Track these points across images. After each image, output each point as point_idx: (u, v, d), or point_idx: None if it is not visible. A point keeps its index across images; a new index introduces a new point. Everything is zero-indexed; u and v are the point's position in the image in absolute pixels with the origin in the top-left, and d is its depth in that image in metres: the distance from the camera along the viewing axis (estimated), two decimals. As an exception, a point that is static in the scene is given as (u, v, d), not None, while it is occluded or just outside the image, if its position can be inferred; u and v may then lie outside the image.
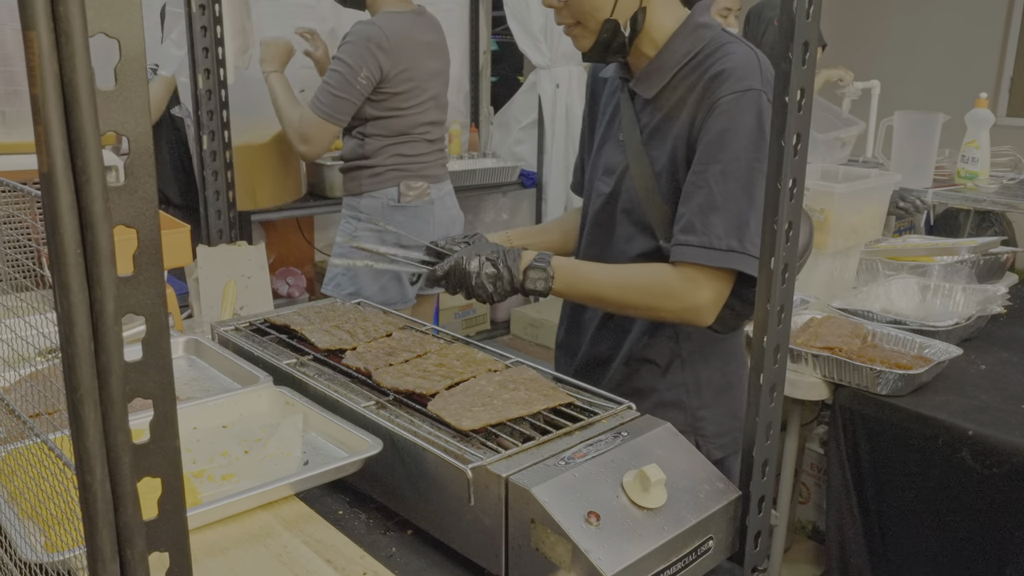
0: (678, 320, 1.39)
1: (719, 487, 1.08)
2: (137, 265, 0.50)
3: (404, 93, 2.74)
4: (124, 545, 0.52)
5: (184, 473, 1.10)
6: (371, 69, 2.64)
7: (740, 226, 1.29)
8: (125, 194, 0.49)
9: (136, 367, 0.51)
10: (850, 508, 2.05)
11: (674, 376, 1.51)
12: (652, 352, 1.50)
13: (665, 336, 1.49)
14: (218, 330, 1.53)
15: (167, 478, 0.54)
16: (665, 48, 1.39)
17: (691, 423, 1.51)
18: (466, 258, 1.36)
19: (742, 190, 1.28)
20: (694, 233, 1.31)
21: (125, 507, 0.51)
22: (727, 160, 1.29)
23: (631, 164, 1.43)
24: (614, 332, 1.55)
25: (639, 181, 1.42)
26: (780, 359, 1.04)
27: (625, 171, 1.45)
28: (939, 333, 2.13)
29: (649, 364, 1.51)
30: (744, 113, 1.28)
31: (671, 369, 1.50)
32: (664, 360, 1.50)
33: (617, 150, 1.48)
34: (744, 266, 1.29)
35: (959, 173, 3.26)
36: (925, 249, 2.69)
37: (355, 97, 2.66)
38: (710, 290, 1.32)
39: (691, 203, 1.32)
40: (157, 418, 0.53)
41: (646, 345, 1.50)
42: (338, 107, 2.65)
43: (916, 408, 1.89)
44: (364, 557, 0.97)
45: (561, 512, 0.95)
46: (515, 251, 1.38)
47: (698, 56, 1.36)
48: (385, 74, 2.67)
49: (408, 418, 1.16)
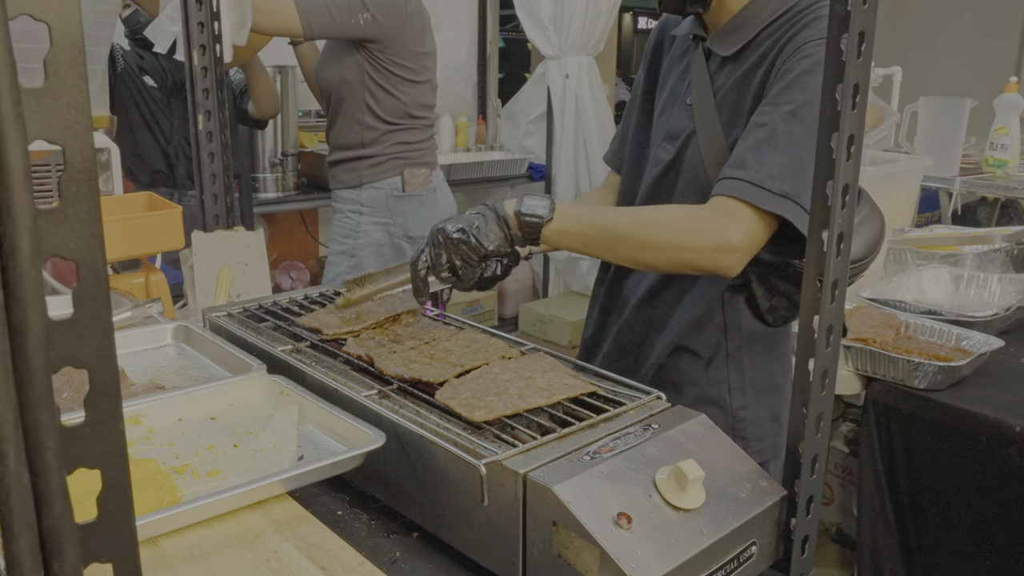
0: (705, 264, 1.16)
1: (762, 486, 0.97)
2: (64, 197, 0.39)
3: (411, 69, 2.63)
4: (51, 555, 0.41)
5: (165, 468, 0.99)
6: (379, 20, 2.50)
7: (798, 172, 1.13)
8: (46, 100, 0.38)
9: (64, 327, 0.40)
10: (883, 511, 1.93)
11: (717, 371, 1.37)
12: (695, 342, 1.36)
13: (712, 325, 1.35)
14: (209, 316, 1.42)
15: (108, 471, 0.43)
16: (752, 2, 1.25)
17: (731, 423, 1.38)
18: (436, 228, 1.16)
19: (807, 138, 1.11)
20: (743, 167, 1.15)
21: (51, 507, 0.40)
22: (799, 102, 1.14)
23: (699, 129, 1.28)
24: (654, 315, 1.40)
25: (706, 147, 1.27)
26: (833, 342, 0.92)
27: (691, 136, 1.30)
28: (977, 324, 2.01)
29: (691, 355, 1.37)
30: (815, 60, 1.15)
31: (714, 363, 1.37)
32: (708, 352, 1.36)
33: (684, 114, 1.33)
34: (794, 216, 1.12)
35: (987, 161, 3.14)
36: (955, 239, 2.57)
37: (342, 23, 2.48)
38: (747, 232, 1.14)
39: (748, 140, 1.17)
40: (95, 393, 0.42)
41: (690, 334, 1.36)
42: (319, 14, 2.44)
43: (956, 403, 1.77)
44: (364, 564, 0.86)
45: (587, 513, 0.84)
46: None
47: (788, 13, 1.23)
48: (387, 38, 2.54)
49: (414, 409, 1.05)
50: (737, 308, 1.35)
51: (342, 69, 2.63)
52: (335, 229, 2.81)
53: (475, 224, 1.14)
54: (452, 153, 4.45)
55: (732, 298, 1.34)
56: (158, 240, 1.64)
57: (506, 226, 1.16)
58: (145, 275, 1.71)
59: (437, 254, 1.16)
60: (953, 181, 3.00)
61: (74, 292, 0.40)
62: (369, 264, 2.73)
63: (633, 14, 7.92)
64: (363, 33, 2.52)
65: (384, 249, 2.75)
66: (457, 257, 1.14)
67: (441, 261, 1.16)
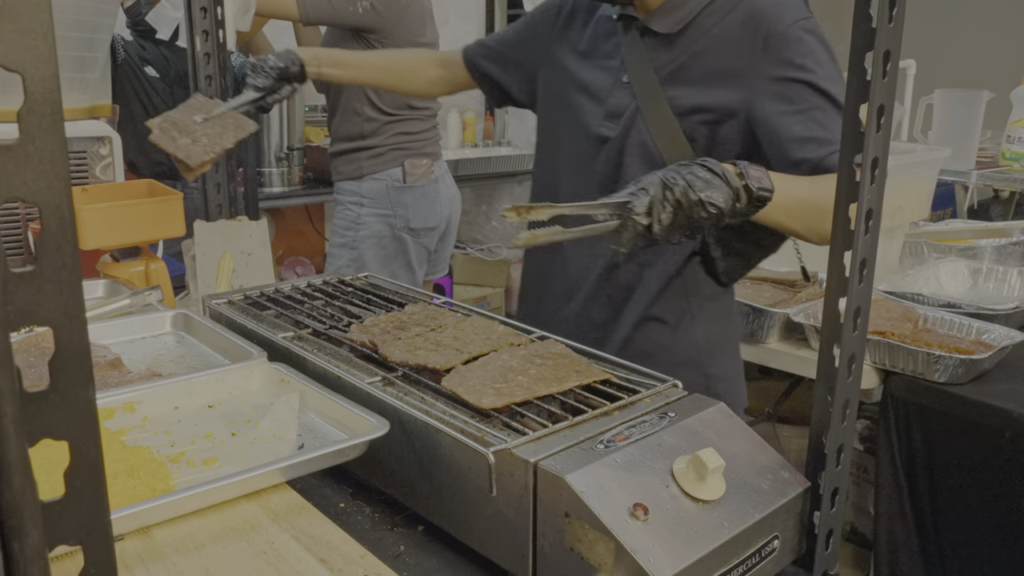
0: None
1: (784, 477, 0.92)
2: (24, 131, 0.35)
3: None
4: (10, 535, 0.37)
5: (159, 457, 0.95)
6: (379, 9, 2.45)
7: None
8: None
9: (25, 280, 0.36)
10: (901, 509, 1.88)
11: (685, 334, 1.41)
12: (662, 310, 1.40)
13: (674, 291, 1.39)
14: (210, 303, 1.38)
15: (77, 442, 0.38)
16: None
17: (705, 383, 1.41)
18: (661, 173, 1.03)
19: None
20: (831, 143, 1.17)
21: (9, 482, 0.36)
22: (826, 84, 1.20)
23: (642, 107, 1.32)
24: (616, 291, 1.42)
25: (653, 124, 1.31)
26: (861, 325, 0.87)
27: (635, 114, 1.33)
28: (998, 317, 1.95)
29: (658, 323, 1.41)
30: (813, 37, 1.23)
31: (681, 326, 1.41)
32: (674, 318, 1.41)
33: (623, 92, 1.36)
34: None
35: (1004, 154, 3.08)
36: (972, 232, 2.52)
37: (341, 10, 2.44)
38: None
39: (813, 128, 1.19)
40: (60, 355, 0.37)
41: (655, 302, 1.40)
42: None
43: (978, 397, 1.72)
44: (365, 556, 0.81)
45: (601, 504, 0.79)
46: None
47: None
48: (386, 28, 2.49)
49: (419, 396, 1.01)
50: (695, 272, 1.40)
51: None
52: (336, 222, 2.77)
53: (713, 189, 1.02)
54: (460, 149, 4.41)
55: (690, 263, 1.39)
56: (158, 227, 1.60)
57: (733, 191, 1.04)
58: (145, 263, 1.67)
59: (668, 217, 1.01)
60: (969, 175, 2.94)
61: (37, 241, 0.36)
62: (370, 257, 2.68)
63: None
64: (362, 22, 2.47)
65: (385, 241, 2.70)
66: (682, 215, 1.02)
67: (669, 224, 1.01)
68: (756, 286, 2.15)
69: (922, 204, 2.33)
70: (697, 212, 1.01)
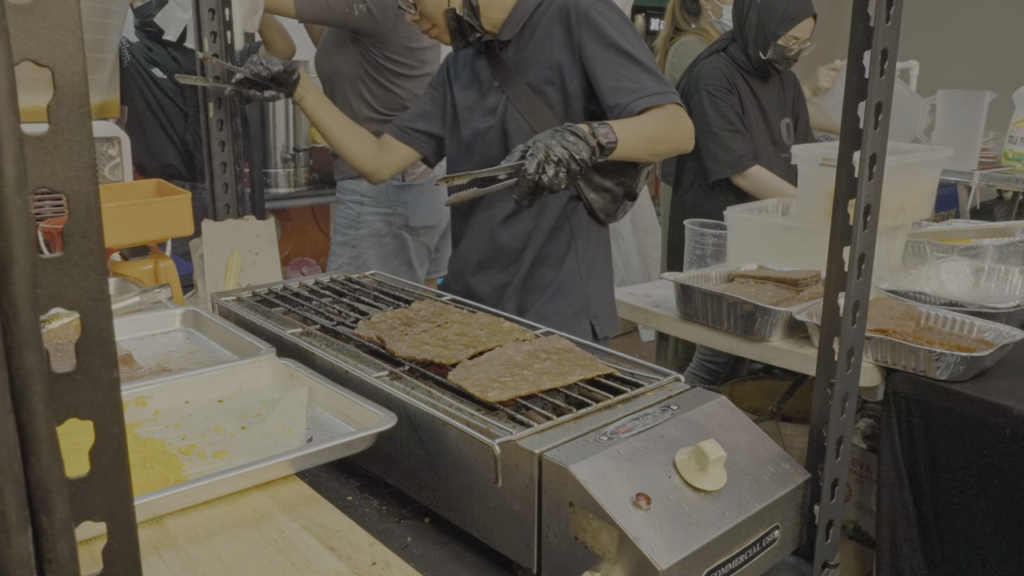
0: (685, 143, 1.59)
1: (785, 468, 0.93)
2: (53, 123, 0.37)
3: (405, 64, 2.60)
4: (39, 509, 0.38)
5: (170, 449, 0.97)
6: (374, 13, 2.46)
7: (664, 79, 1.58)
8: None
9: (54, 265, 0.37)
10: (904, 507, 1.89)
11: (569, 265, 1.75)
12: (552, 248, 1.73)
13: (563, 233, 1.73)
14: (218, 300, 1.40)
15: (102, 422, 0.40)
16: (519, 4, 1.67)
17: (584, 304, 1.77)
18: (542, 140, 1.39)
19: (646, 56, 1.57)
20: (644, 93, 1.53)
21: (38, 457, 0.38)
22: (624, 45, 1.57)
23: (512, 97, 1.68)
24: (515, 237, 1.74)
25: (523, 106, 1.67)
26: (859, 319, 0.89)
27: (507, 104, 1.69)
28: (999, 315, 1.96)
29: (549, 259, 1.74)
30: (611, 12, 1.61)
31: (567, 260, 1.75)
32: (561, 253, 1.74)
33: (495, 93, 1.72)
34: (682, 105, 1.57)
35: (1006, 155, 3.09)
36: (974, 231, 2.52)
37: (336, 10, 2.43)
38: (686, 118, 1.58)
39: (619, 80, 1.55)
40: (87, 338, 0.39)
41: (547, 244, 1.73)
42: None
43: (980, 394, 1.73)
44: (374, 544, 0.83)
45: (605, 494, 0.81)
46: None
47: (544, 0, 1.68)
48: (381, 33, 2.50)
49: (426, 389, 1.02)
50: (579, 215, 1.75)
51: (337, 62, 2.60)
52: (337, 220, 2.78)
53: (573, 147, 1.39)
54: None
55: (574, 208, 1.74)
56: (167, 226, 1.62)
57: (589, 146, 1.41)
58: (154, 262, 1.69)
59: (550, 169, 1.38)
60: (972, 175, 2.95)
61: (64, 228, 0.38)
62: (370, 256, 2.70)
63: (646, 15, 7.85)
64: (357, 24, 2.48)
65: (385, 239, 2.71)
66: (563, 169, 1.39)
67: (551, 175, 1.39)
68: (759, 285, 2.16)
69: (925, 204, 2.34)
70: (571, 165, 1.37)
